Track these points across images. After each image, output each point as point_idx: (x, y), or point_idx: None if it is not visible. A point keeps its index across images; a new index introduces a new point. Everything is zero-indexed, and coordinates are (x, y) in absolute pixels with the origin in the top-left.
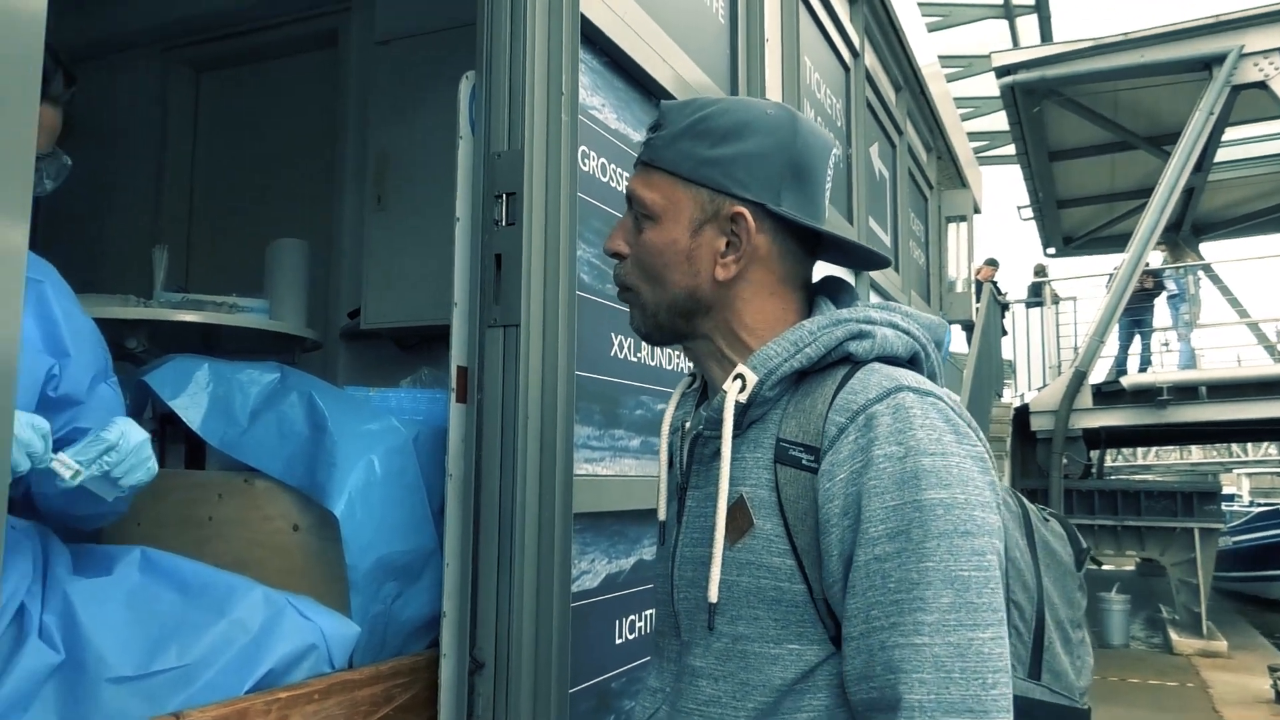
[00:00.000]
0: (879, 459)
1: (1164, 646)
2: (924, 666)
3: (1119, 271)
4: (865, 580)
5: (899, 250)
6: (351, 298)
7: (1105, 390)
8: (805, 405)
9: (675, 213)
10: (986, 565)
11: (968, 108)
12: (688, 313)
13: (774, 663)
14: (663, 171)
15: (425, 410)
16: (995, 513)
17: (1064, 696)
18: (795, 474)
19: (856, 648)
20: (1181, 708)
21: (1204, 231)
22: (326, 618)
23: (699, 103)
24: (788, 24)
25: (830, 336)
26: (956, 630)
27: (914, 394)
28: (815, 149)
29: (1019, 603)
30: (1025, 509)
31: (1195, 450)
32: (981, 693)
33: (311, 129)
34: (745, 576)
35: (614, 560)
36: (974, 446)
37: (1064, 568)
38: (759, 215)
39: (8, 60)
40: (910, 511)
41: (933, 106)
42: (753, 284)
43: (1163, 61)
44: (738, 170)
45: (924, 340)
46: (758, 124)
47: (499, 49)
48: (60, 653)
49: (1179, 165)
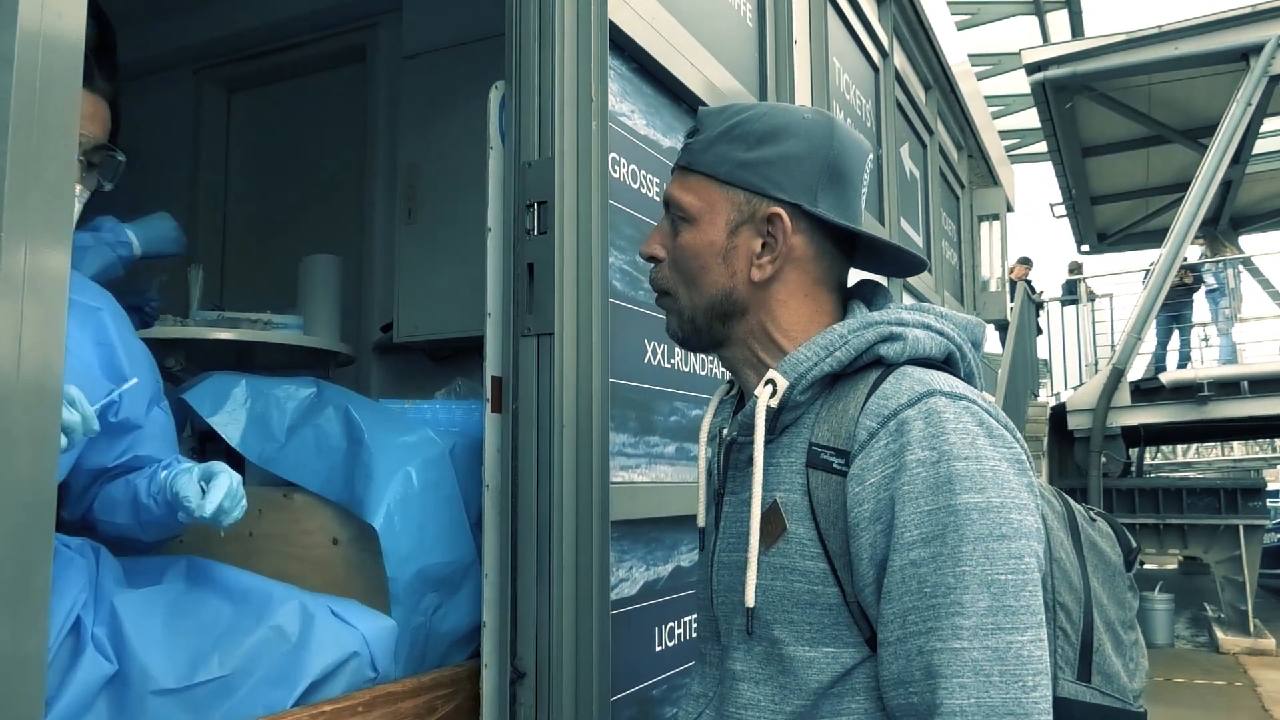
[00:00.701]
0: (912, 464)
1: (1210, 645)
2: (963, 671)
3: (1156, 267)
4: (901, 585)
5: (932, 250)
6: (384, 311)
7: (1144, 387)
8: (838, 409)
9: (712, 214)
10: (1024, 568)
11: (998, 105)
12: (724, 315)
13: (810, 666)
14: (700, 175)
15: (460, 421)
16: (1033, 515)
17: (1116, 699)
18: (826, 478)
19: (893, 653)
20: (1230, 707)
21: (1243, 224)
22: (366, 618)
23: (736, 108)
24: (816, 26)
25: (861, 340)
26: (995, 634)
27: (946, 398)
28: (851, 152)
29: (1065, 604)
30: (1070, 509)
31: (1237, 446)
32: (1022, 695)
33: (341, 144)
34: (780, 581)
35: (652, 567)
36: (1010, 449)
37: (1112, 568)
38: (795, 216)
39: (48, 94)
40: (945, 516)
41: (963, 105)
42: (788, 285)
43: (1198, 53)
44: (774, 172)
45: (959, 340)
46: (794, 127)
47: (528, 58)
48: (114, 663)
49: (1216, 158)
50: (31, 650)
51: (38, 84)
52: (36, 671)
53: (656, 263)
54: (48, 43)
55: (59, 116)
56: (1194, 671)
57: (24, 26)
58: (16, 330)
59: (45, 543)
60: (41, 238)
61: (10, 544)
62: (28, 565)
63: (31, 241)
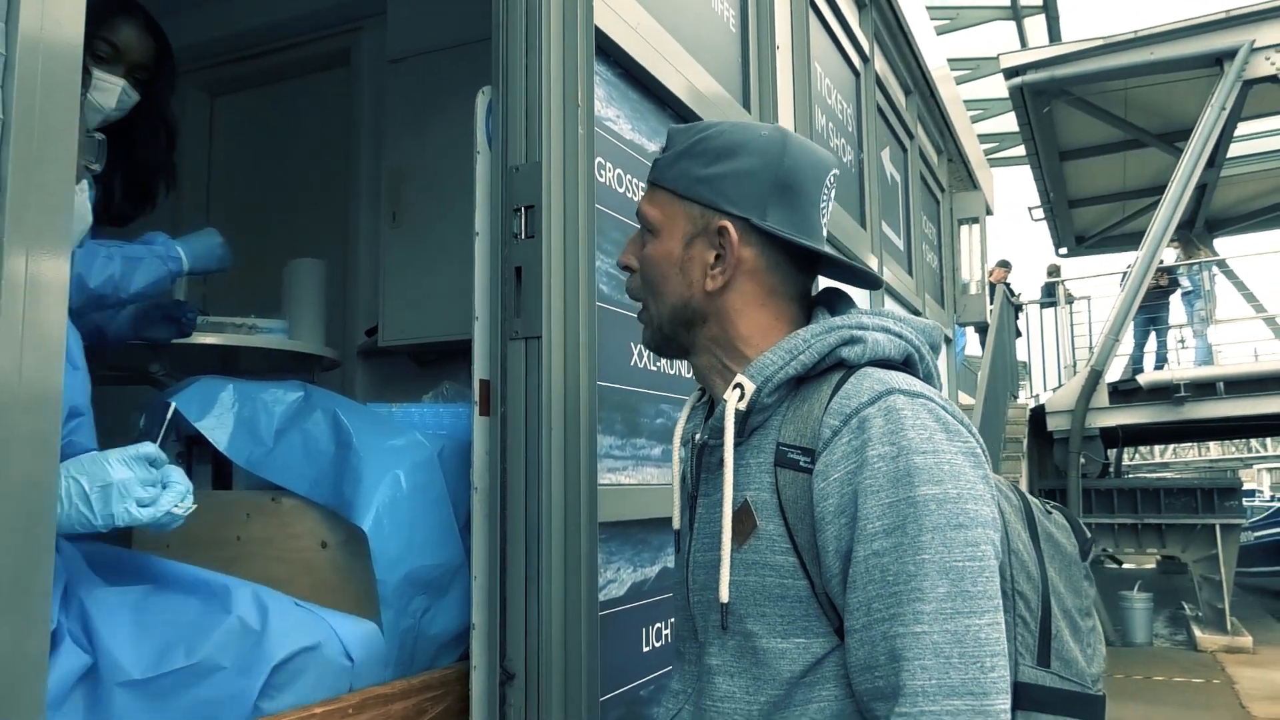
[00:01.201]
0: (873, 459)
1: (1188, 644)
2: (925, 654)
3: (1133, 269)
4: (865, 575)
5: (912, 253)
6: (369, 316)
7: (1122, 388)
8: (803, 410)
9: (671, 227)
10: (980, 555)
11: (977, 110)
12: (686, 322)
13: (782, 656)
14: (663, 189)
15: (448, 424)
16: (988, 505)
17: (1075, 683)
18: (794, 476)
19: (859, 639)
20: (1208, 705)
21: (1218, 227)
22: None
23: (701, 126)
24: (798, 31)
25: (823, 343)
26: (954, 618)
27: (904, 396)
28: (805, 168)
29: (1024, 593)
30: (1027, 502)
31: (1214, 447)
32: (980, 675)
33: (326, 148)
34: (752, 576)
35: (639, 568)
36: (965, 443)
37: (1068, 558)
38: (745, 229)
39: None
40: (905, 508)
41: (943, 109)
42: (743, 294)
43: (1173, 58)
44: (727, 187)
45: (918, 343)
46: (750, 144)
47: (515, 63)
48: (91, 655)
49: (1191, 162)
50: (33, 648)
51: (38, 88)
52: (39, 668)
53: (631, 273)
54: (47, 48)
55: (59, 121)
56: (1173, 670)
57: (25, 32)
58: (18, 334)
59: (46, 544)
60: (42, 243)
61: (12, 546)
62: (29, 566)
63: (32, 247)
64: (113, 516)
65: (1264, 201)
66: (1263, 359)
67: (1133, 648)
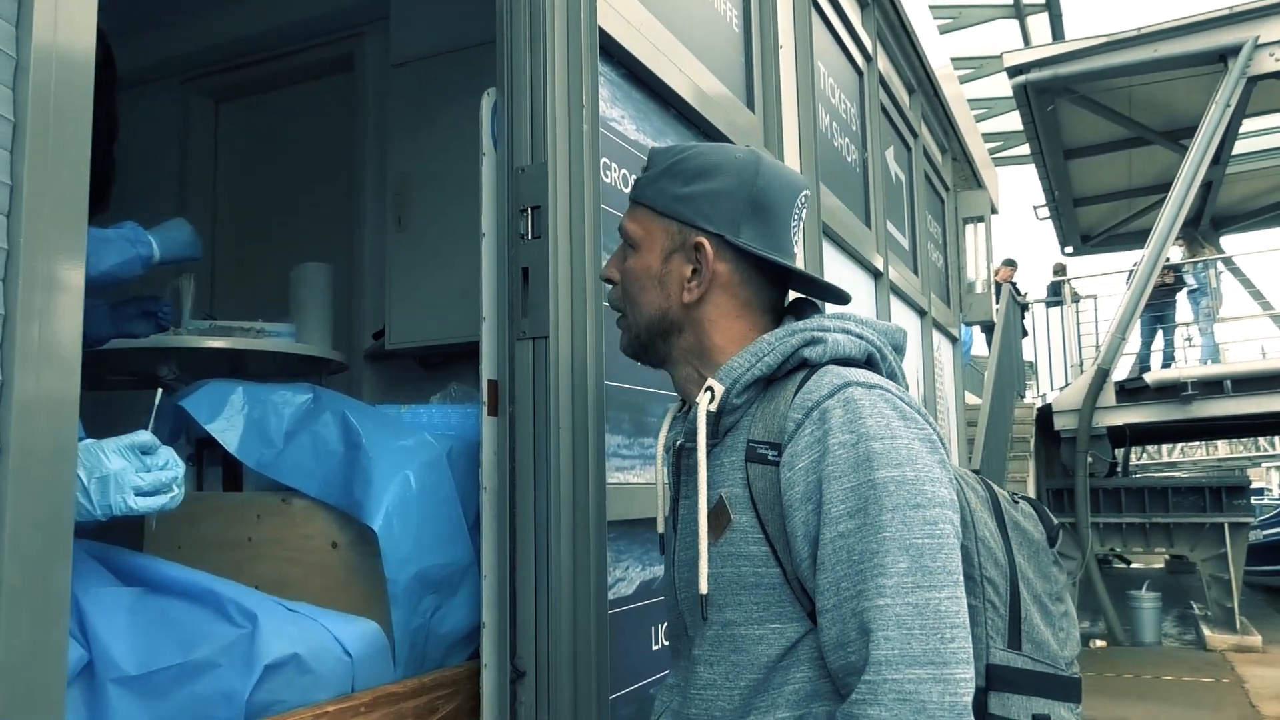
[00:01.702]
0: (834, 447)
1: (1197, 643)
2: (888, 625)
3: (1139, 268)
4: (832, 556)
5: (917, 252)
6: (375, 319)
7: (1129, 387)
8: (770, 409)
9: (651, 242)
10: (939, 533)
11: (981, 109)
12: (663, 332)
13: (759, 642)
14: (644, 207)
15: (457, 425)
16: (945, 487)
17: (1047, 664)
18: (762, 469)
19: (831, 619)
20: (1218, 704)
21: (1224, 225)
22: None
23: (680, 148)
24: (801, 29)
25: (786, 345)
26: (914, 591)
27: (862, 388)
28: (777, 189)
29: (992, 579)
30: (993, 493)
31: (1222, 445)
32: (941, 646)
33: (330, 153)
34: (728, 567)
35: (647, 567)
36: (922, 430)
37: (1036, 545)
38: (719, 246)
39: (62, 101)
40: (866, 490)
41: (946, 108)
42: (718, 306)
43: (1177, 55)
44: (703, 205)
45: (879, 344)
46: (725, 166)
47: (519, 65)
48: (87, 651)
49: (1196, 159)
50: (54, 641)
51: (52, 92)
52: (59, 660)
53: (612, 284)
54: (61, 53)
55: (73, 125)
56: (1182, 669)
57: (39, 37)
58: (35, 340)
59: (65, 545)
60: (59, 244)
61: (34, 547)
62: (49, 566)
63: (50, 248)
64: (110, 507)
65: (1270, 198)
66: (1270, 356)
67: (1141, 647)
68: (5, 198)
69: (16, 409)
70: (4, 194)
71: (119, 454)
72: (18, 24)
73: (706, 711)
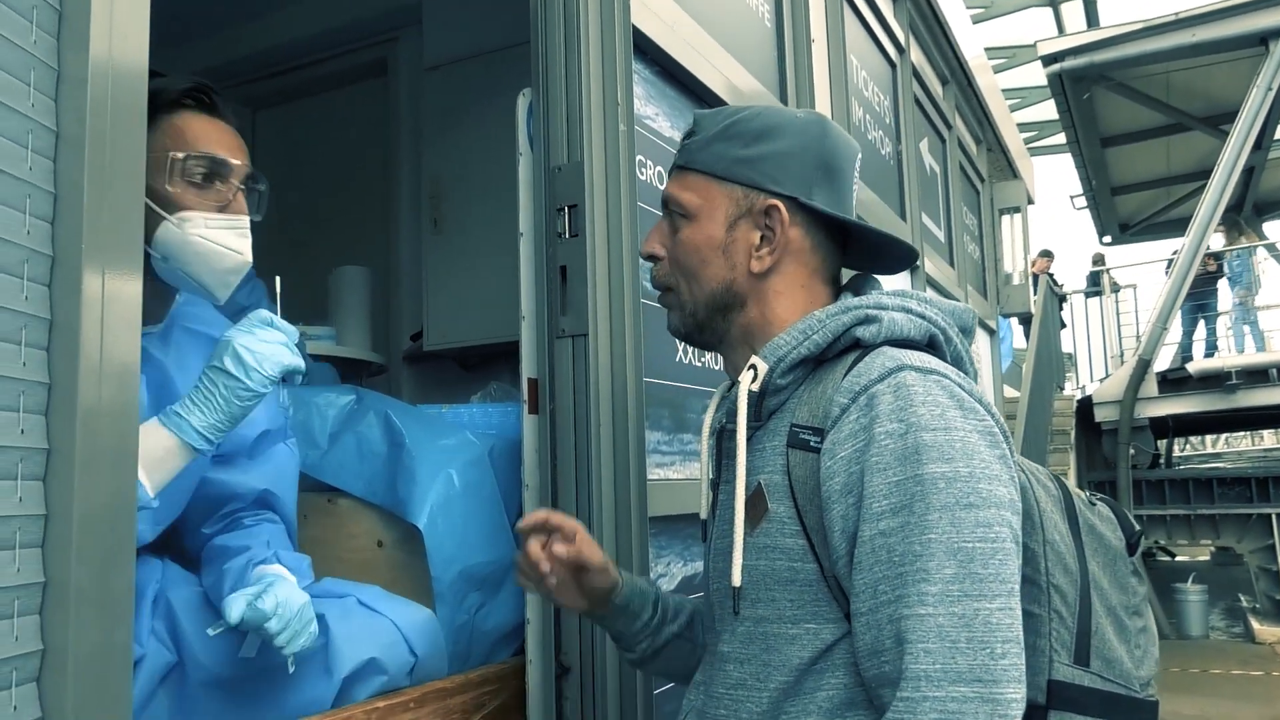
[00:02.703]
0: (880, 436)
1: (1245, 636)
2: (929, 637)
3: (1179, 256)
4: (871, 555)
5: (953, 244)
6: (413, 320)
7: (1171, 377)
8: (817, 391)
9: (711, 210)
10: (993, 537)
11: (1015, 98)
12: (725, 307)
13: (792, 643)
14: (698, 173)
15: (497, 424)
16: (1005, 486)
17: (1119, 685)
18: (804, 456)
19: (866, 623)
20: (1268, 697)
21: (1267, 210)
22: (398, 607)
23: (730, 110)
24: (833, 24)
25: (838, 323)
26: (961, 600)
27: (916, 372)
28: (842, 150)
29: (1060, 587)
30: (1067, 493)
31: (1268, 435)
32: (990, 662)
33: (366, 157)
34: (763, 560)
35: (689, 562)
36: (981, 421)
37: (1113, 552)
38: (792, 209)
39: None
40: (912, 486)
41: (981, 99)
42: (786, 276)
43: (1216, 39)
44: (770, 167)
45: (943, 324)
46: (788, 126)
47: (554, 65)
48: (174, 654)
49: (1238, 144)
50: (119, 640)
51: (109, 104)
52: (124, 659)
53: (656, 261)
54: (116, 65)
55: (128, 136)
56: (1230, 662)
57: (95, 49)
58: (98, 345)
59: (128, 546)
60: (116, 255)
61: (101, 550)
62: (114, 566)
63: (108, 258)
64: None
65: None
66: None
67: (1188, 641)
68: (50, 206)
69: (80, 414)
70: (49, 202)
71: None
72: (59, 36)
73: (734, 713)
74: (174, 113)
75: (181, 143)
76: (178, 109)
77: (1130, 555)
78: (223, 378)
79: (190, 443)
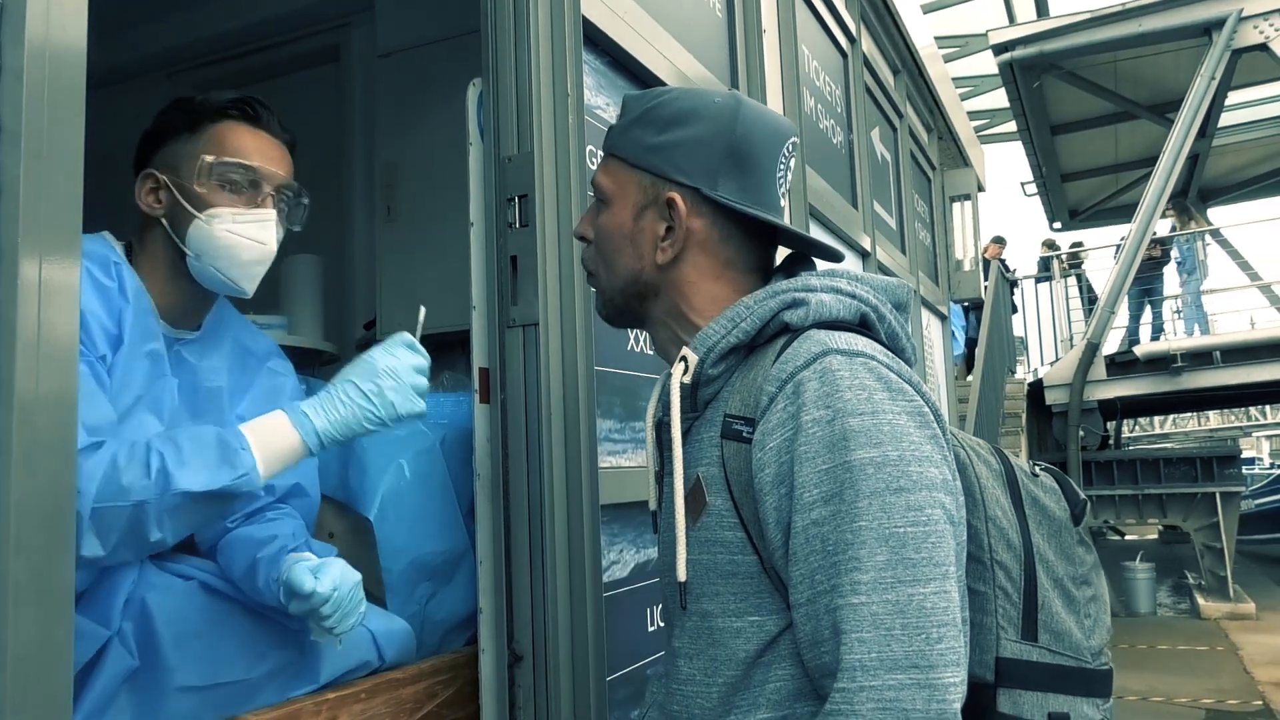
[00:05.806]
0: (807, 424)
1: (1191, 611)
2: (863, 625)
3: (1126, 241)
4: (805, 546)
5: (905, 232)
6: (366, 309)
7: (1119, 360)
8: (749, 379)
9: (622, 197)
10: (925, 520)
11: (966, 87)
12: (639, 295)
13: (737, 636)
14: (616, 158)
15: (449, 413)
16: (937, 467)
17: (1069, 657)
18: (737, 447)
19: (805, 614)
20: (1212, 671)
21: (1211, 197)
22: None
23: (654, 92)
24: (784, 13)
25: (765, 308)
26: (895, 587)
27: (841, 356)
28: (760, 136)
29: (1004, 563)
30: (1009, 465)
31: (1213, 416)
32: (926, 647)
33: (318, 144)
34: (705, 554)
35: (642, 550)
36: (910, 401)
37: (1058, 523)
38: (695, 200)
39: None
40: (841, 473)
41: (931, 88)
42: (696, 267)
43: (1161, 29)
44: (677, 156)
45: (875, 302)
46: (701, 111)
47: (504, 55)
48: (135, 659)
49: (1182, 132)
50: (59, 638)
51: (45, 96)
52: (64, 657)
53: (587, 243)
54: (53, 56)
55: (66, 129)
56: (1177, 638)
57: (31, 41)
58: (35, 337)
59: (67, 540)
60: (54, 248)
61: (37, 543)
62: (52, 561)
63: (46, 250)
64: (393, 405)
65: (1256, 170)
66: (1258, 327)
67: (1137, 617)
68: None
69: (18, 406)
70: None
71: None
72: (3, 25)
73: (686, 709)
74: (218, 121)
75: (217, 149)
76: (222, 118)
77: (1076, 525)
78: (358, 397)
79: (309, 444)
